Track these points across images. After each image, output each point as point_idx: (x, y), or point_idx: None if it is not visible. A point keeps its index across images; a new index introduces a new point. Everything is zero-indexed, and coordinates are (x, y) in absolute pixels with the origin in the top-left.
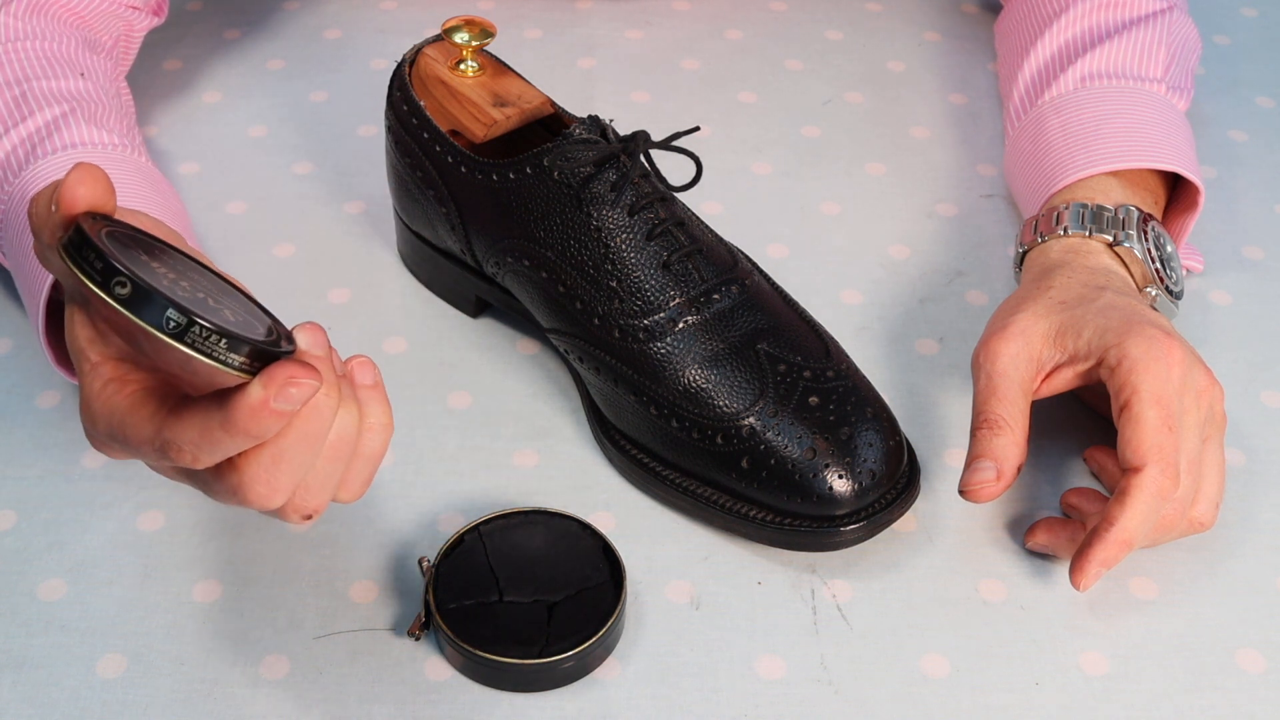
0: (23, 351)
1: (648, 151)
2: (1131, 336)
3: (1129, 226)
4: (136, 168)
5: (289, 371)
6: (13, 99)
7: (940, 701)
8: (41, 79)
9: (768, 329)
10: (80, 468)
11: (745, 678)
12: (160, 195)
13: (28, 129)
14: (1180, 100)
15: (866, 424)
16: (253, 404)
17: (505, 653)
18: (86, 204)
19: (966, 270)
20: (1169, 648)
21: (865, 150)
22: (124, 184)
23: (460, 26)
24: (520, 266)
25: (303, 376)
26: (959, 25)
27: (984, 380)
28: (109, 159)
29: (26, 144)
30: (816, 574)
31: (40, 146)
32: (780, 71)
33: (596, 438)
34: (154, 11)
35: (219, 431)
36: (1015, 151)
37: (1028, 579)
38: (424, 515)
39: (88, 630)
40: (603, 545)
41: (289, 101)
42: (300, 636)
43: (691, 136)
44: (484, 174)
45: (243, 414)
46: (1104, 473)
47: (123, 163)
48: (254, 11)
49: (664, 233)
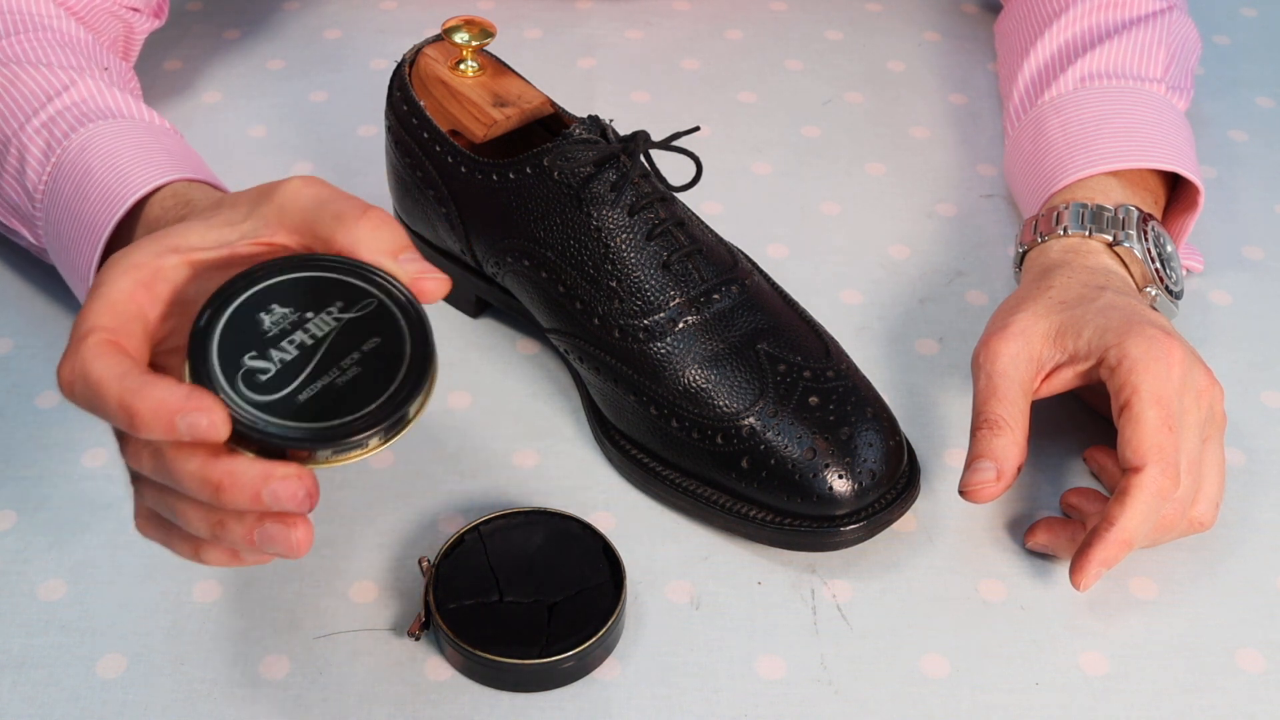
0: (23, 351)
1: (648, 151)
2: (1131, 336)
3: (1129, 226)
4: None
5: (198, 404)
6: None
7: (940, 701)
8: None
9: (768, 329)
10: (80, 468)
11: (745, 678)
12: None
13: (74, 96)
14: (1180, 100)
15: (866, 424)
16: (160, 401)
17: (505, 653)
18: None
19: (966, 270)
20: (1169, 648)
21: (865, 150)
22: (199, 162)
23: (460, 26)
24: (520, 266)
25: (206, 418)
26: (959, 25)
27: (984, 380)
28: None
29: (76, 109)
30: (816, 574)
31: (95, 113)
32: (780, 71)
33: (596, 438)
34: (154, 13)
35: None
36: (1015, 151)
37: (1028, 579)
38: (424, 515)
39: (88, 630)
40: (603, 545)
41: (289, 101)
42: (300, 636)
43: (691, 136)
44: (484, 174)
45: (143, 404)
46: (1104, 473)
47: (183, 142)
48: (254, 11)
49: (664, 233)
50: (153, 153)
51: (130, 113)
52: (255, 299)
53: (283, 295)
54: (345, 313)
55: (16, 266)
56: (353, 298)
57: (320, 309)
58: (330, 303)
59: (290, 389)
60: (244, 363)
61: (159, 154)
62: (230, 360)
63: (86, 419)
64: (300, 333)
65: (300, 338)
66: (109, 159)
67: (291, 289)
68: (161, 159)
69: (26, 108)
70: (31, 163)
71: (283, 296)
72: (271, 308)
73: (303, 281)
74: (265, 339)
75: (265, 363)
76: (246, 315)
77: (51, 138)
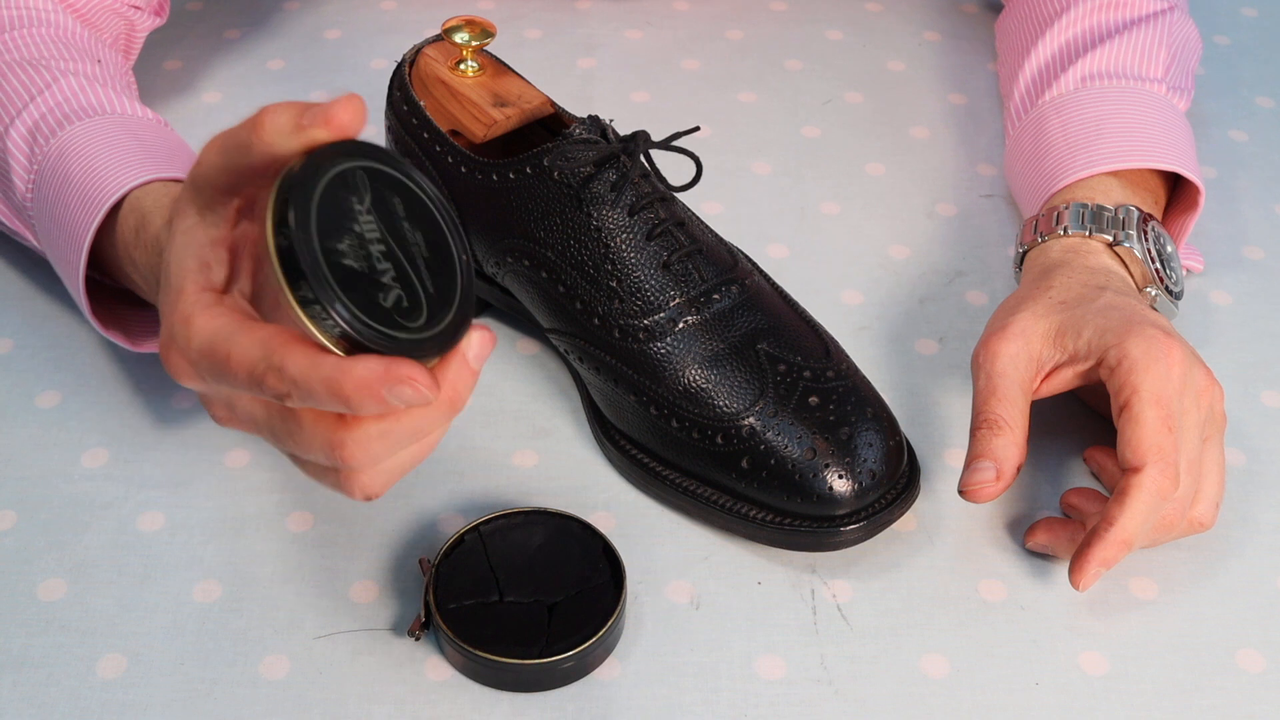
0: (23, 351)
1: (648, 151)
2: (1131, 336)
3: (1129, 226)
4: (178, 140)
5: (410, 373)
6: (34, 70)
7: (940, 701)
8: (58, 60)
9: (768, 329)
10: (80, 468)
11: (745, 678)
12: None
13: (55, 96)
14: (1180, 100)
15: (866, 424)
16: (364, 379)
17: (505, 653)
18: (355, 132)
19: (966, 270)
20: (1169, 648)
21: (865, 150)
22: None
23: (460, 26)
24: (520, 266)
25: (422, 385)
26: (959, 25)
27: (984, 380)
28: (150, 126)
29: (57, 110)
30: (816, 574)
31: (76, 113)
32: (780, 71)
33: (596, 438)
34: (155, 12)
35: (318, 384)
36: (1015, 151)
37: (1028, 579)
38: (424, 515)
39: (88, 630)
40: (603, 545)
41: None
42: (300, 636)
43: (691, 136)
44: (484, 174)
45: (349, 382)
46: (1104, 473)
47: (164, 131)
48: (254, 11)
49: (664, 233)
50: (128, 152)
51: (110, 107)
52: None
53: (331, 202)
54: (384, 205)
55: (16, 266)
56: (380, 186)
57: (362, 211)
58: (362, 200)
59: (393, 300)
60: (344, 281)
61: (135, 153)
62: (340, 285)
63: (86, 419)
64: (368, 239)
65: (371, 245)
66: (86, 161)
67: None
68: (136, 158)
69: (10, 110)
70: (17, 169)
71: (331, 204)
72: (341, 215)
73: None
74: (343, 249)
75: (357, 266)
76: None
77: (34, 143)
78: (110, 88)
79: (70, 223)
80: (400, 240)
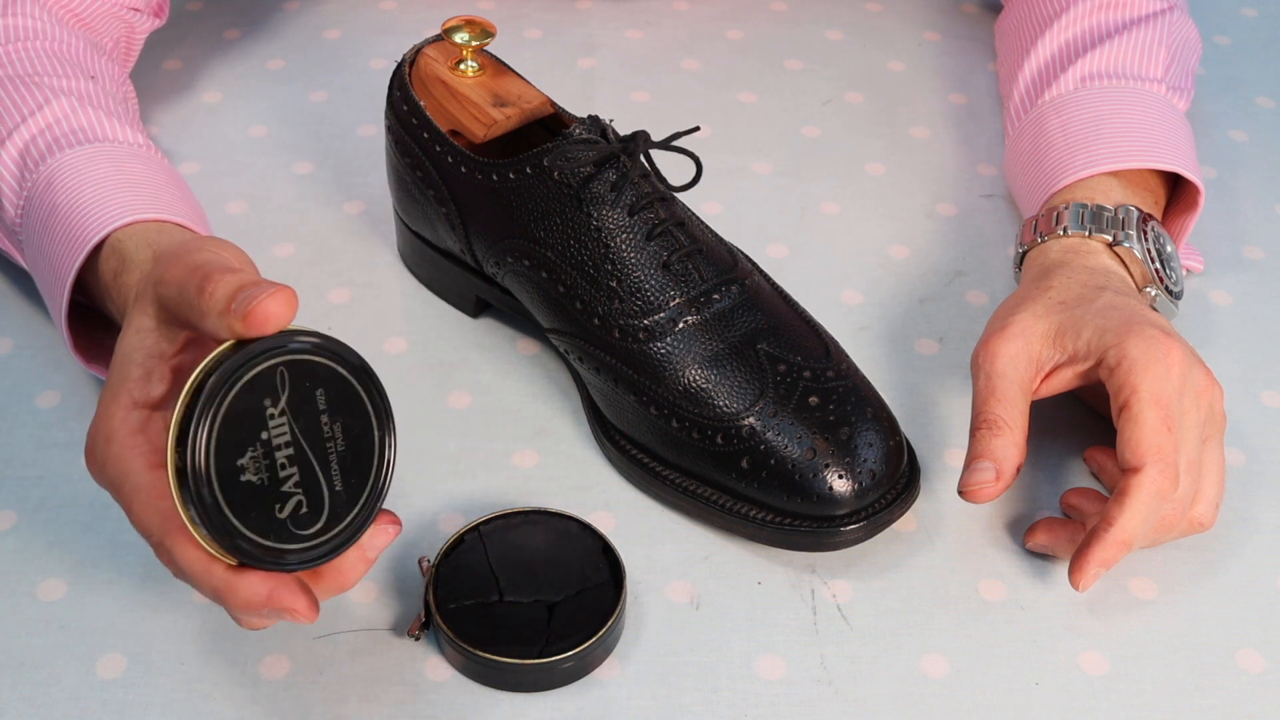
0: (23, 351)
1: (648, 151)
2: (1131, 336)
3: (1129, 226)
4: (166, 170)
5: (289, 604)
6: (25, 89)
7: (940, 701)
8: (51, 76)
9: (768, 329)
10: (80, 468)
11: (745, 678)
12: (188, 203)
13: (46, 118)
14: (1180, 100)
15: (866, 424)
16: (247, 600)
17: (505, 653)
18: (277, 327)
19: (966, 270)
20: (1169, 648)
21: (865, 150)
22: (160, 189)
23: (460, 26)
24: (520, 266)
25: (300, 613)
26: (959, 25)
27: (983, 380)
28: (138, 156)
29: (48, 134)
30: (816, 574)
31: (66, 138)
32: (780, 71)
33: (596, 438)
34: (155, 13)
35: (205, 587)
36: (1015, 151)
37: (1028, 579)
38: (424, 515)
39: (88, 630)
40: (603, 545)
41: (289, 101)
42: (300, 636)
43: (691, 136)
44: (484, 174)
45: (232, 600)
46: (1104, 473)
47: (152, 162)
48: (254, 11)
49: (664, 233)
50: (115, 187)
51: (100, 133)
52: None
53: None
54: (303, 402)
55: (16, 267)
56: (302, 380)
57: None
58: (278, 401)
59: (291, 509)
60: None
61: (121, 188)
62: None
63: (86, 419)
64: (275, 446)
65: (278, 451)
66: (71, 195)
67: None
68: (123, 195)
69: (1, 130)
70: (8, 193)
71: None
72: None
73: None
74: (244, 464)
75: (256, 480)
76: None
77: (24, 167)
78: (102, 109)
79: (56, 258)
80: (314, 438)
